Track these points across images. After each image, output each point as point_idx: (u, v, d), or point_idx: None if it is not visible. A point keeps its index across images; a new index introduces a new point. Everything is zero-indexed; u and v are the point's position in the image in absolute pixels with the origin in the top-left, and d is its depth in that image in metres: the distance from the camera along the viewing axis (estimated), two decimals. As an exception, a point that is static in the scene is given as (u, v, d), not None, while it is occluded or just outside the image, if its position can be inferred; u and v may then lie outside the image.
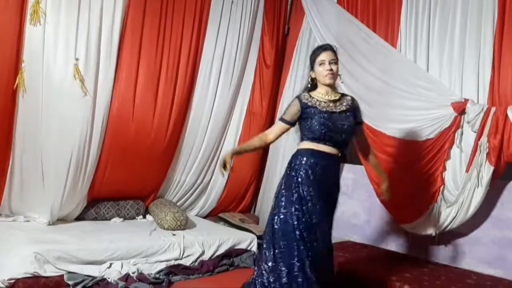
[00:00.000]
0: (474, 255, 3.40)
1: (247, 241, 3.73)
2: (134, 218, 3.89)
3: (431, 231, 3.44)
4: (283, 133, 2.53)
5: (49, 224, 3.27)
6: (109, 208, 3.76)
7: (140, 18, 3.69)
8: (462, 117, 3.32)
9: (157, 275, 2.93)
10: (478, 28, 3.34)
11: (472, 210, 3.22)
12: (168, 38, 3.91)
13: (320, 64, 2.42)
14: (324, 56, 2.41)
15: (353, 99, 2.56)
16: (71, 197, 3.41)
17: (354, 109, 2.51)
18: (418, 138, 3.50)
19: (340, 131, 2.42)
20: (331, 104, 2.44)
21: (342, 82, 2.69)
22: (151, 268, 3.01)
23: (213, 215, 4.61)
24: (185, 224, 3.66)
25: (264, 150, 4.80)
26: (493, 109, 3.14)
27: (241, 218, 4.51)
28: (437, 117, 3.42)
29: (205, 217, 4.51)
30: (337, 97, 2.48)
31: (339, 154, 2.47)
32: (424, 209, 3.47)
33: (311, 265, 2.26)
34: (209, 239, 3.49)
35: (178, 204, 4.28)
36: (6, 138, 3.10)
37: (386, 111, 3.72)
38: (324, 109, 2.41)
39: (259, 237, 4.00)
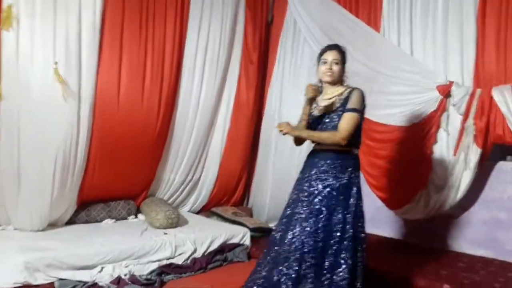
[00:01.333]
0: (465, 237, 3.42)
1: (240, 235, 3.73)
2: (125, 218, 3.87)
3: (421, 215, 3.45)
4: None
5: (39, 231, 3.24)
6: (100, 210, 3.74)
7: (119, 14, 3.59)
8: (448, 100, 3.31)
9: (149, 276, 2.92)
10: (460, 9, 3.32)
11: (461, 193, 3.24)
12: (150, 33, 3.83)
13: (324, 63, 2.46)
14: (328, 55, 2.45)
15: (351, 92, 2.43)
16: (60, 201, 3.38)
17: (345, 102, 2.40)
18: (405, 123, 3.49)
19: (331, 129, 2.40)
20: (324, 103, 2.46)
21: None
22: (143, 269, 3.00)
23: (205, 210, 4.60)
24: (177, 222, 3.65)
25: (253, 142, 4.79)
26: (478, 91, 3.13)
27: (234, 212, 4.51)
28: (423, 101, 3.40)
29: (197, 213, 4.51)
30: (335, 94, 2.46)
31: (347, 149, 2.42)
32: (413, 193, 3.47)
33: None
34: (201, 236, 3.48)
35: (169, 201, 4.27)
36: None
37: (373, 97, 3.64)
38: (316, 110, 2.48)
39: (252, 230, 4.01)
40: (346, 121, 2.34)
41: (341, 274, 2.26)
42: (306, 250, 2.30)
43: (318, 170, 2.40)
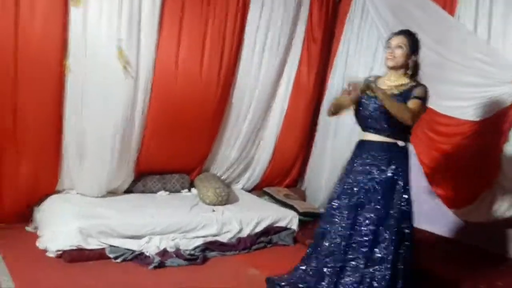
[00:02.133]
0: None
1: (287, 218, 3.72)
2: (179, 191, 4.01)
3: (483, 219, 3.20)
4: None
5: (98, 197, 3.47)
6: (156, 182, 3.91)
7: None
8: (525, 95, 2.98)
9: (193, 251, 3.02)
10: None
11: (530, 198, 2.94)
12: (212, 10, 3.81)
13: (388, 47, 2.40)
14: (392, 41, 2.37)
15: (415, 86, 2.33)
16: (119, 172, 3.57)
17: (408, 94, 2.29)
18: (474, 118, 3.21)
19: (378, 118, 2.31)
20: (387, 89, 2.34)
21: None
22: (189, 244, 3.12)
23: (258, 189, 4.63)
24: (226, 200, 3.72)
25: (311, 124, 4.70)
26: (560, 87, 2.78)
27: (286, 194, 4.50)
28: (496, 95, 3.09)
29: (250, 191, 4.55)
30: (397, 83, 2.36)
31: (392, 141, 2.33)
32: (476, 194, 3.22)
33: None
34: (248, 216, 3.52)
35: (223, 178, 4.34)
36: (58, 118, 3.27)
37: (439, 86, 3.39)
38: (370, 94, 2.36)
39: (302, 214, 3.98)
40: (415, 106, 2.24)
41: (381, 269, 2.20)
42: (347, 243, 2.29)
43: (363, 163, 2.35)
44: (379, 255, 2.22)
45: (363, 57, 4.18)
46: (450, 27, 3.45)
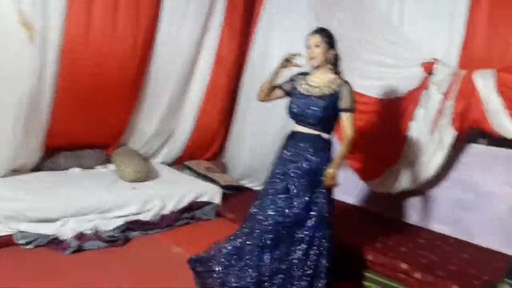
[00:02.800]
0: (430, 213, 3.49)
1: (210, 193, 3.72)
2: (93, 167, 3.79)
3: (391, 189, 3.49)
4: (278, 97, 2.66)
5: (1, 177, 3.15)
6: (68, 158, 3.65)
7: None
8: (430, 77, 3.23)
9: (113, 233, 2.91)
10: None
11: (432, 172, 3.26)
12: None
13: (307, 48, 2.46)
14: (309, 40, 2.45)
15: (341, 85, 2.42)
16: (24, 148, 3.26)
17: (337, 96, 2.40)
18: (385, 96, 3.43)
19: (308, 115, 2.41)
20: (312, 88, 2.44)
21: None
22: (108, 225, 2.99)
23: (178, 163, 4.55)
24: (146, 176, 3.61)
25: (232, 96, 4.68)
26: (462, 72, 3.06)
27: (207, 167, 4.48)
28: (406, 76, 3.32)
29: (170, 165, 4.46)
30: (324, 81, 2.44)
31: (318, 134, 2.44)
32: (385, 167, 3.49)
33: None
34: (171, 192, 3.46)
35: (142, 152, 4.19)
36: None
37: (356, 65, 3.57)
38: (302, 92, 2.46)
39: (224, 187, 4.01)
40: (351, 123, 2.39)
41: (302, 251, 2.33)
42: (276, 227, 2.37)
43: (293, 152, 2.44)
44: (303, 235, 2.34)
45: (285, 31, 4.20)
46: (366, 9, 3.58)
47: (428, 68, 3.19)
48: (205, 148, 4.74)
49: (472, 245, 3.16)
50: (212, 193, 3.74)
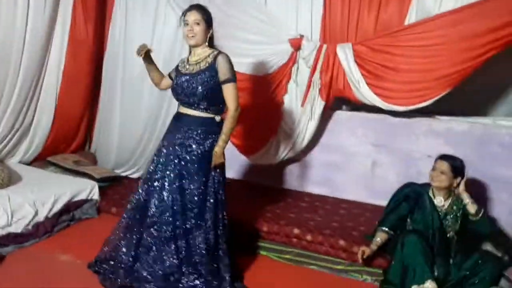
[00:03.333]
0: (306, 177, 3.82)
1: (87, 189, 3.43)
2: None
3: (273, 161, 3.70)
4: (167, 85, 2.63)
5: None
6: None
7: None
8: (298, 53, 3.46)
9: (-17, 254, 2.50)
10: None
11: (306, 140, 3.55)
12: None
13: (185, 25, 2.36)
14: (188, 16, 2.35)
15: (216, 57, 2.36)
16: None
17: (214, 67, 2.33)
18: (258, 73, 3.56)
19: (190, 94, 2.35)
20: (190, 66, 2.40)
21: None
22: (-27, 245, 2.56)
23: (40, 160, 4.06)
24: (8, 182, 3.14)
25: (95, 82, 4.32)
26: (324, 47, 3.34)
27: (75, 160, 4.10)
28: (275, 53, 3.50)
29: (29, 164, 3.95)
30: (201, 57, 2.38)
31: (210, 117, 2.40)
32: (265, 141, 3.68)
33: None
34: (42, 196, 3.09)
35: (-6, 153, 3.63)
36: None
37: (226, 43, 3.60)
38: (184, 72, 2.41)
39: (99, 180, 3.74)
40: (232, 95, 2.35)
41: (202, 235, 2.34)
42: (168, 215, 2.35)
43: (182, 136, 2.38)
44: (202, 223, 2.34)
45: (146, 11, 3.98)
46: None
47: (296, 44, 3.40)
48: (70, 140, 4.31)
49: (345, 201, 3.58)
50: (89, 189, 3.45)
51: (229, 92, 2.35)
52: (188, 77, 2.36)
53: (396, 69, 3.15)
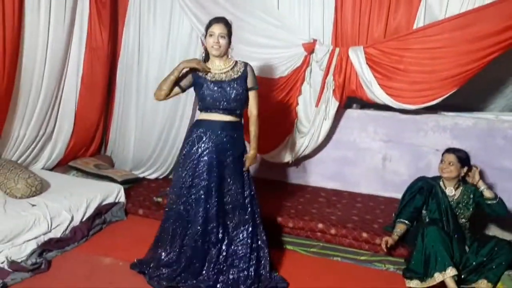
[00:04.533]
0: (319, 173, 4.02)
1: (114, 192, 3.58)
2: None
3: (288, 158, 3.89)
4: (176, 94, 2.62)
5: None
6: None
7: None
8: (311, 56, 3.63)
9: (33, 260, 2.64)
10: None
11: (321, 138, 3.75)
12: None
13: (210, 36, 2.48)
14: (215, 29, 2.47)
15: (246, 65, 2.57)
16: None
17: (245, 76, 2.54)
18: (271, 76, 3.72)
19: (227, 100, 2.49)
20: (221, 75, 2.52)
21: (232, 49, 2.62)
22: (20, 252, 2.69)
23: (61, 165, 4.19)
24: (41, 189, 3.27)
25: (108, 86, 4.44)
26: (337, 50, 3.52)
27: (96, 164, 4.24)
28: (290, 56, 3.66)
29: (52, 169, 4.08)
30: (227, 66, 2.54)
31: (237, 120, 2.58)
32: (281, 139, 3.86)
33: None
34: (75, 201, 3.22)
35: (20, 161, 3.74)
36: None
37: (236, 46, 3.75)
38: (213, 79, 2.50)
39: (121, 183, 3.89)
40: (256, 101, 2.58)
41: (245, 231, 2.55)
42: (212, 219, 2.50)
43: (220, 141, 2.50)
44: (245, 217, 2.54)
45: (158, 17, 4.11)
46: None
47: (309, 48, 3.58)
48: (88, 145, 4.44)
49: (359, 195, 3.80)
50: (115, 192, 3.60)
51: (255, 97, 2.58)
52: (222, 84, 2.49)
53: (405, 70, 3.35)
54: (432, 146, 3.59)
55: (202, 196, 2.48)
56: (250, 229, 2.54)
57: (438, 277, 2.46)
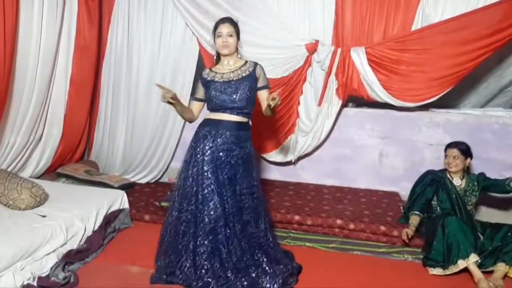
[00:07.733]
0: (318, 170, 4.13)
1: (119, 199, 3.43)
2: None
3: (290, 157, 3.95)
4: (201, 109, 2.71)
5: None
6: None
7: None
8: (312, 56, 3.72)
9: (60, 274, 2.48)
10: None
11: (323, 137, 3.86)
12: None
13: (218, 37, 2.53)
14: (222, 29, 2.53)
15: (256, 65, 2.61)
16: None
17: (254, 75, 2.57)
18: (273, 76, 3.75)
19: (236, 100, 2.50)
20: (229, 74, 2.55)
21: (241, 47, 2.65)
22: (42, 266, 2.52)
23: (49, 172, 3.95)
24: (44, 199, 3.07)
25: (93, 91, 4.23)
26: (339, 50, 3.63)
27: (86, 170, 4.05)
28: (291, 57, 3.72)
29: (39, 177, 3.83)
30: (237, 66, 2.58)
31: (244, 120, 2.59)
32: (283, 139, 3.92)
33: None
34: (84, 210, 3.05)
35: (9, 170, 3.47)
36: None
37: (247, 48, 3.74)
38: (221, 80, 2.54)
39: (117, 188, 3.75)
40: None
41: (261, 227, 2.63)
42: (226, 215, 2.48)
43: (229, 141, 2.51)
44: (249, 217, 2.57)
45: (148, 17, 3.99)
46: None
47: (311, 48, 3.66)
48: (74, 150, 4.23)
49: (359, 190, 3.95)
50: (120, 199, 3.46)
51: (267, 96, 2.59)
52: (230, 83, 2.52)
53: (404, 70, 3.55)
54: (426, 141, 3.83)
55: (207, 195, 2.45)
56: (257, 227, 2.59)
57: (462, 264, 2.65)
